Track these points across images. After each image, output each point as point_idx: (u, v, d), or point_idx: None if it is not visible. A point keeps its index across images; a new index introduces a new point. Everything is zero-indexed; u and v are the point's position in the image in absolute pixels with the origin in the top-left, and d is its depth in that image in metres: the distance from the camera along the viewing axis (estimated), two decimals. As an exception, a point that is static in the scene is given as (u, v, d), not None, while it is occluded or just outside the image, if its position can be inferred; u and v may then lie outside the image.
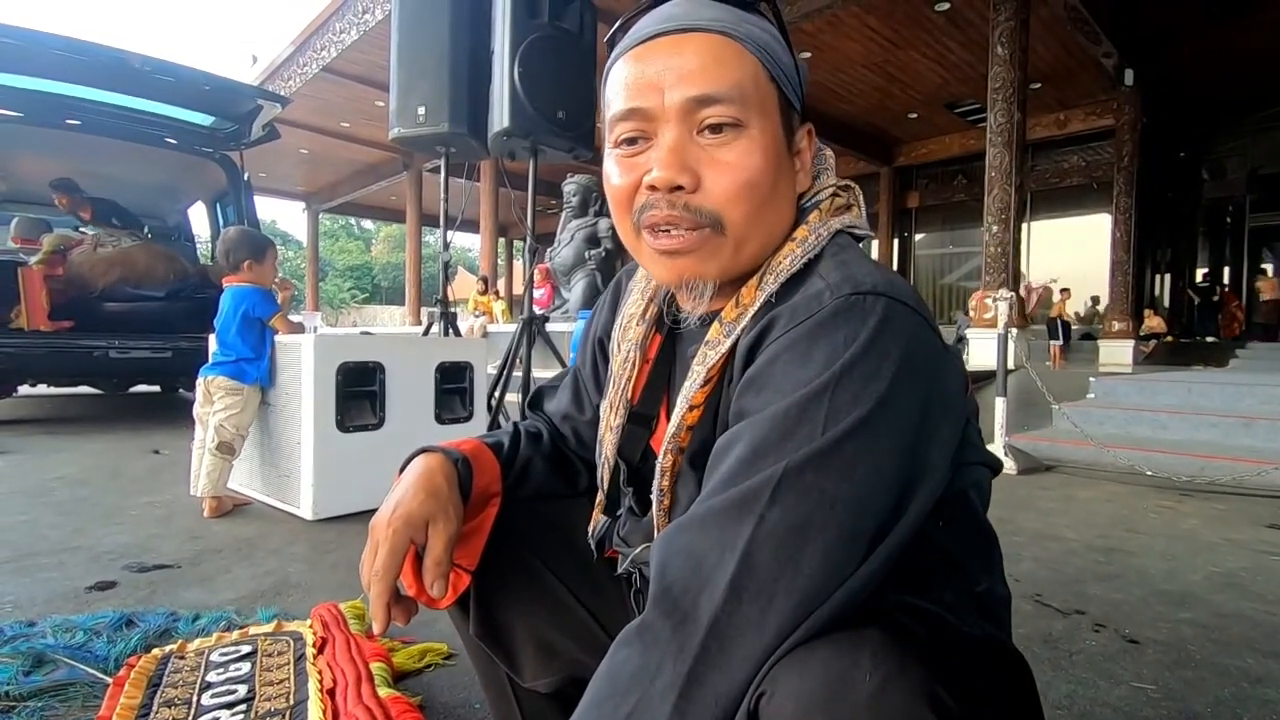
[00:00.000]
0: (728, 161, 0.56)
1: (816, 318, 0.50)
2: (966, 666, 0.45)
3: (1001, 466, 0.63)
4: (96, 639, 1.29)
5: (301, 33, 10.36)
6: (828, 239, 0.58)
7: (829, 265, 0.55)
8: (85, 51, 4.01)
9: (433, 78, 3.10)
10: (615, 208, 0.62)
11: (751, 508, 0.45)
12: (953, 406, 0.53)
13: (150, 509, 2.38)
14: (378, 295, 37.83)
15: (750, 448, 0.48)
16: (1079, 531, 2.32)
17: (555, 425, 0.84)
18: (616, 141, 0.60)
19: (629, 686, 0.44)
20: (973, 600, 0.56)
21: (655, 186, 0.57)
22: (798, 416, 0.47)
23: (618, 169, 0.60)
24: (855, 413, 0.46)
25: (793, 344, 0.50)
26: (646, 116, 0.58)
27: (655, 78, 0.57)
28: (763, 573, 0.44)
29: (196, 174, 5.36)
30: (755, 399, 0.51)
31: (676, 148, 0.56)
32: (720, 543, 0.45)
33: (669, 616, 0.45)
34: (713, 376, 0.59)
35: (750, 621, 0.43)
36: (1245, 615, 1.60)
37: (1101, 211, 11.19)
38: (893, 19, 8.32)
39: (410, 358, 2.57)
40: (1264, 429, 3.66)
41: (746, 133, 0.57)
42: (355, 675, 1.13)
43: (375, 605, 0.60)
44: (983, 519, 0.60)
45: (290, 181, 17.49)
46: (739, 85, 0.56)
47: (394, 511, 0.63)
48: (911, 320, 0.50)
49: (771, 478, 0.46)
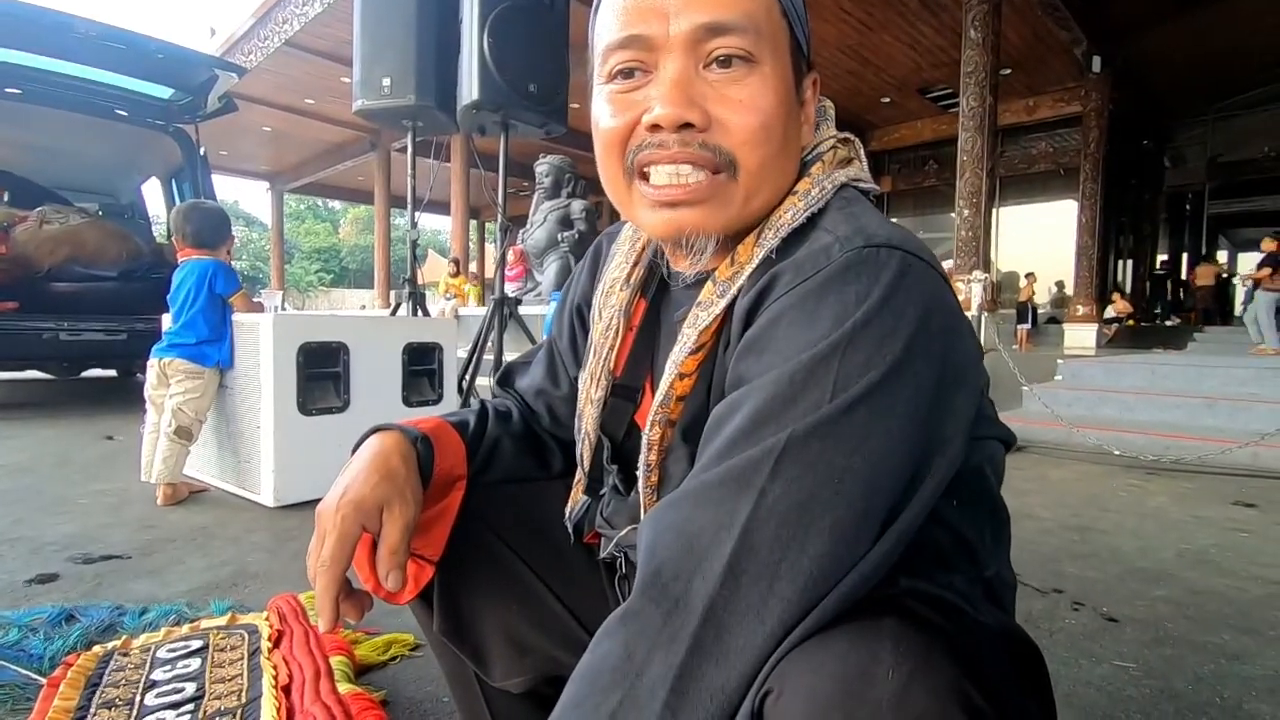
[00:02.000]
0: (740, 99, 0.50)
1: (825, 272, 0.45)
2: (991, 660, 0.40)
3: (1015, 440, 0.58)
4: (32, 636, 1.20)
5: (262, 4, 9.97)
6: (832, 192, 0.52)
7: (836, 218, 0.49)
8: (27, 15, 3.79)
9: (399, 48, 2.97)
10: (604, 152, 0.55)
11: (751, 481, 0.40)
12: (971, 373, 0.48)
13: (100, 497, 2.26)
14: (345, 278, 37.10)
15: (750, 416, 0.43)
16: (1053, 511, 2.34)
17: (527, 403, 0.78)
18: (610, 75, 0.53)
19: (614, 681, 0.39)
20: (984, 586, 0.52)
21: (659, 124, 0.50)
22: (804, 380, 0.42)
23: (609, 107, 0.53)
24: (868, 377, 0.41)
25: (798, 302, 0.45)
26: (647, 45, 0.51)
27: (658, 2, 0.50)
28: (764, 553, 0.39)
29: (149, 148, 5.12)
30: (756, 363, 0.45)
31: (682, 80, 0.50)
32: (716, 520, 0.40)
33: (659, 603, 0.40)
34: (705, 342, 0.53)
35: (750, 607, 0.38)
36: (1218, 592, 1.61)
37: (1068, 198, 11.38)
38: (868, 2, 8.29)
39: (376, 338, 2.47)
40: (1225, 409, 3.74)
41: (759, 69, 0.51)
42: (314, 670, 1.06)
43: (321, 600, 0.54)
44: (997, 496, 0.56)
45: (254, 161, 16.95)
46: (752, 15, 0.50)
47: (343, 496, 0.56)
48: (928, 277, 0.45)
49: (774, 448, 0.41)
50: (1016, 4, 7.48)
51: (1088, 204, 9.43)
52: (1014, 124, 11.63)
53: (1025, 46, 9.31)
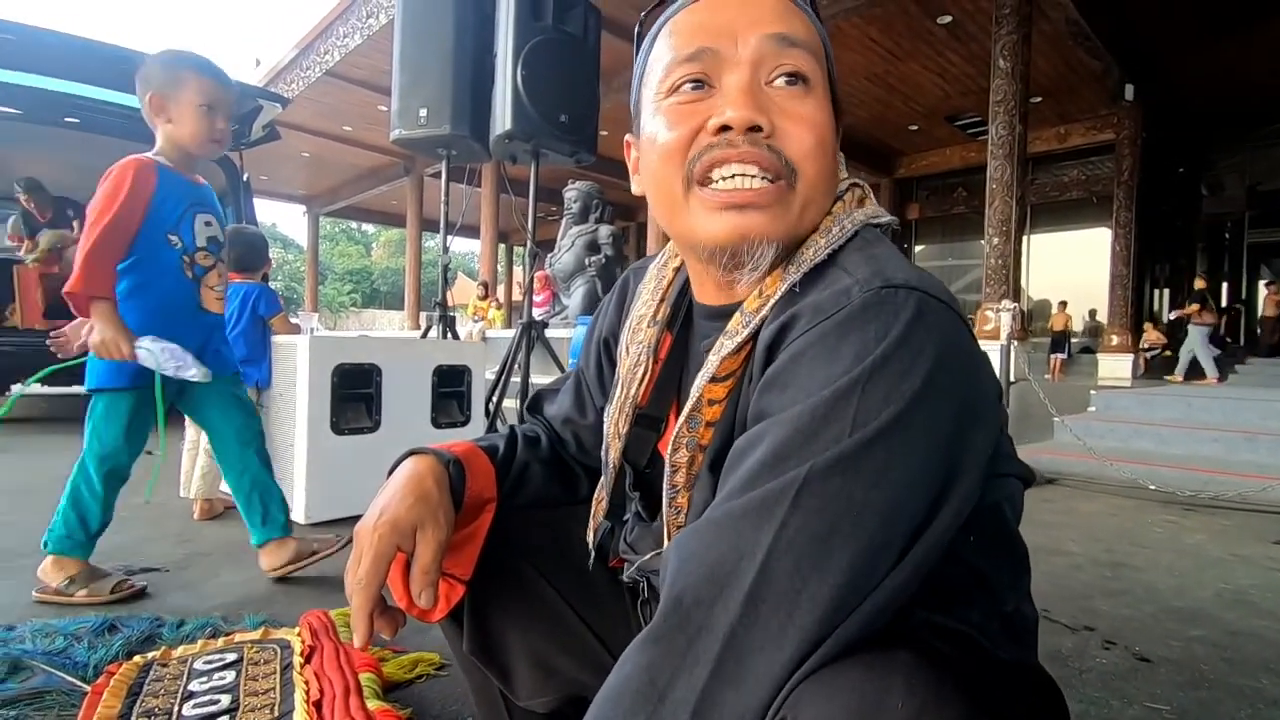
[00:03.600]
0: (801, 113, 0.53)
1: (845, 312, 0.46)
2: (1005, 696, 0.41)
3: (1035, 478, 0.59)
4: (77, 645, 1.25)
5: (305, 36, 10.37)
6: (853, 231, 0.54)
7: (856, 259, 0.51)
8: (85, 49, 3.99)
9: (435, 79, 3.08)
10: (663, 162, 0.55)
11: (773, 513, 0.42)
12: (988, 411, 0.49)
13: (141, 510, 2.33)
14: (376, 299, 37.78)
15: (772, 449, 0.44)
16: (1084, 546, 2.29)
17: (555, 430, 0.81)
18: (671, 89, 0.56)
19: (637, 704, 0.40)
20: (1001, 621, 0.52)
21: (730, 125, 0.52)
22: (824, 416, 0.43)
23: (669, 118, 0.55)
24: (887, 413, 0.42)
25: (819, 339, 0.46)
26: (715, 59, 0.54)
27: (728, 22, 0.54)
28: (783, 583, 0.40)
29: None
30: (778, 398, 0.47)
31: (751, 88, 0.53)
32: (738, 549, 0.42)
33: (682, 629, 0.41)
34: (732, 369, 0.55)
35: (769, 636, 0.39)
36: (1257, 634, 1.56)
37: (1101, 225, 11.20)
38: (894, 31, 8.34)
39: (407, 360, 2.53)
40: (1266, 444, 3.64)
41: (815, 91, 0.54)
42: (344, 686, 1.09)
43: (357, 616, 0.56)
44: (1015, 534, 0.57)
45: (291, 184, 17.47)
46: (810, 41, 0.55)
47: (380, 517, 0.59)
48: (946, 317, 0.47)
49: (794, 481, 0.42)
50: (1046, 33, 7.46)
51: (1121, 232, 9.27)
52: (1045, 151, 11.52)
53: (1056, 75, 9.26)
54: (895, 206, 14.13)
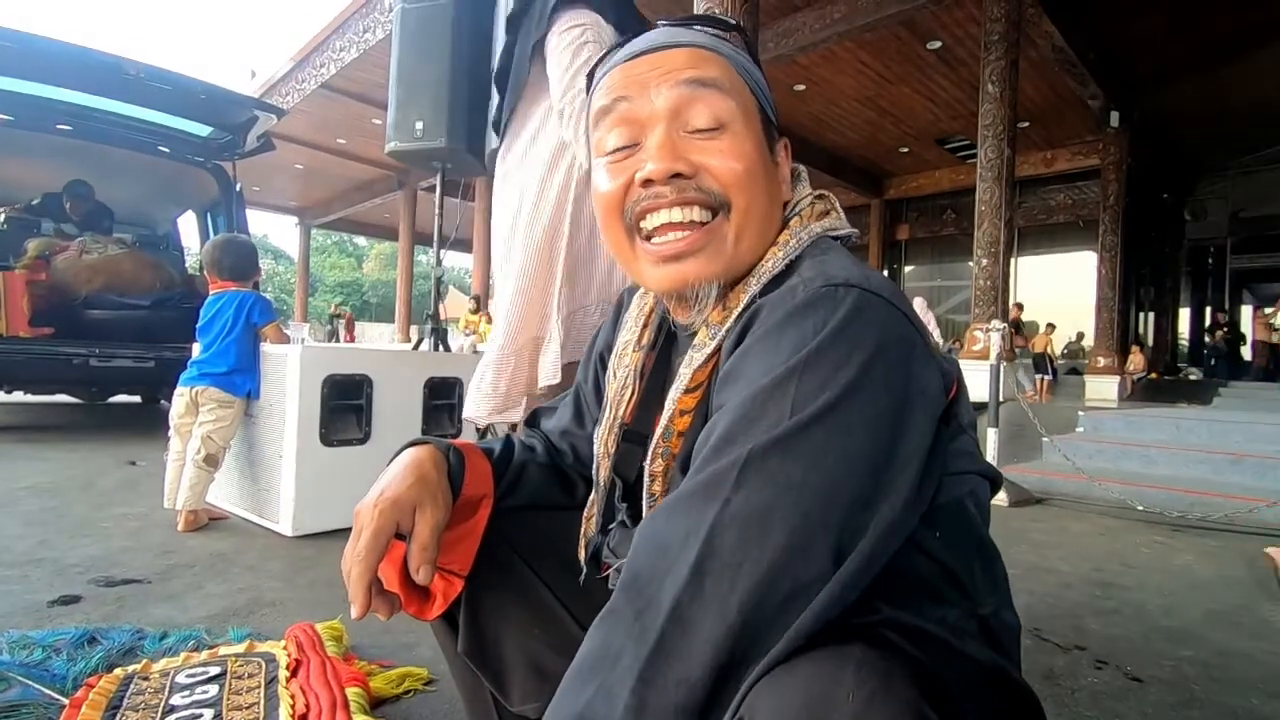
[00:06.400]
0: (724, 149, 0.57)
1: (787, 308, 0.50)
2: (962, 691, 0.42)
3: (1002, 479, 0.62)
4: (56, 657, 1.22)
5: (301, 49, 10.42)
6: (809, 241, 0.58)
7: (809, 265, 0.55)
8: (79, 57, 3.98)
9: (431, 93, 3.08)
10: (605, 216, 0.61)
11: (717, 492, 0.44)
12: (930, 402, 0.50)
13: (122, 521, 2.29)
14: (367, 312, 37.68)
15: (719, 435, 0.47)
16: (1073, 565, 2.29)
17: (552, 441, 0.82)
18: (603, 151, 0.61)
19: (592, 672, 0.43)
20: (978, 624, 0.52)
21: (652, 179, 0.57)
22: (764, 402, 0.46)
23: (606, 175, 0.60)
24: (823, 398, 0.45)
25: (765, 335, 0.50)
26: (634, 118, 0.59)
27: (642, 77, 0.59)
28: (726, 555, 0.42)
29: (188, 183, 5.30)
30: (730, 390, 0.50)
31: (668, 141, 0.57)
32: (685, 528, 0.44)
33: (633, 602, 0.44)
34: (701, 380, 0.58)
35: (712, 602, 0.41)
36: (1247, 654, 1.57)
37: (1087, 249, 11.37)
38: (885, 55, 8.49)
39: (399, 372, 2.52)
40: (1253, 466, 3.67)
41: (731, 129, 0.58)
42: (330, 700, 1.07)
43: (355, 587, 0.57)
44: (982, 532, 0.57)
45: (284, 196, 17.46)
46: (725, 78, 0.59)
47: (381, 494, 0.61)
48: (886, 311, 0.49)
49: (736, 462, 0.45)
50: (1034, 60, 7.62)
51: (1107, 256, 9.40)
52: (1032, 175, 11.72)
53: (1043, 100, 9.44)
54: (885, 227, 14.30)
